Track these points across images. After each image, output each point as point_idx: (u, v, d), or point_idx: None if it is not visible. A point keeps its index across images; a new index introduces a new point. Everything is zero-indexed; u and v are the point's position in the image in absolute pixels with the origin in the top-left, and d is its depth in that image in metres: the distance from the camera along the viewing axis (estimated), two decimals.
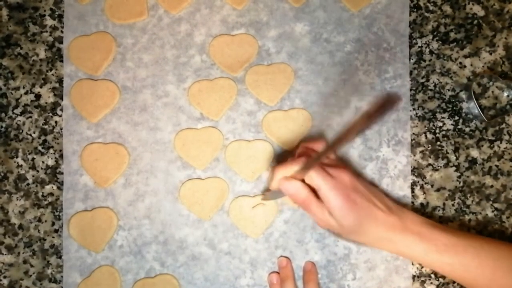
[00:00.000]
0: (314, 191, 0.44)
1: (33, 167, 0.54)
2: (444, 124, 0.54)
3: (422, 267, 0.53)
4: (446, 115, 0.54)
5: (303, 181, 0.44)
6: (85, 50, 0.54)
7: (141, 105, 0.54)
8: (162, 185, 0.53)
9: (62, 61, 0.54)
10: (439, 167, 0.54)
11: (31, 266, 0.53)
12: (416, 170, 0.54)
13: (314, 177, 0.43)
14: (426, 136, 0.54)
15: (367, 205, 0.44)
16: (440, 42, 0.55)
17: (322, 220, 0.45)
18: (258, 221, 0.52)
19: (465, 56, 0.55)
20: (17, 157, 0.54)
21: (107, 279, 0.52)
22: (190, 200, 0.53)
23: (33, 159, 0.54)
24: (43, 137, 0.54)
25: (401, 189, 0.53)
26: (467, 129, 0.54)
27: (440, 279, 0.53)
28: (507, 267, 0.44)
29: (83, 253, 0.53)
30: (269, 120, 0.53)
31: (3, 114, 0.54)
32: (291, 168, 0.44)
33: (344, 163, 0.51)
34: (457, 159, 0.54)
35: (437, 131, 0.54)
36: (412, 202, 0.53)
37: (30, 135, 0.54)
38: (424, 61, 0.55)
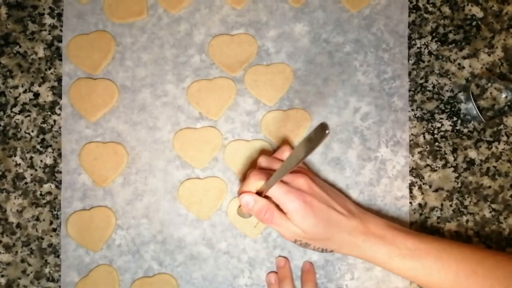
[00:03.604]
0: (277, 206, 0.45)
1: (31, 166, 0.54)
2: (442, 125, 0.54)
3: None
4: (444, 116, 0.54)
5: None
6: (84, 49, 0.54)
7: (140, 105, 0.54)
8: (160, 184, 0.53)
9: (61, 59, 0.54)
10: (437, 168, 0.54)
11: (29, 265, 0.53)
12: (414, 171, 0.54)
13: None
14: (424, 136, 0.54)
15: (325, 208, 0.44)
16: (439, 43, 0.55)
17: (287, 229, 0.44)
18: (257, 221, 0.52)
19: (464, 57, 0.55)
20: (15, 156, 0.54)
21: (105, 278, 0.52)
22: (189, 200, 0.53)
23: (31, 158, 0.54)
24: (41, 136, 0.54)
25: (399, 189, 0.53)
26: (465, 130, 0.54)
27: None
28: (469, 269, 0.44)
29: (81, 252, 0.53)
30: (268, 120, 0.54)
31: (1, 113, 0.54)
32: (252, 185, 0.45)
33: (305, 168, 0.51)
34: (455, 160, 0.54)
35: (436, 132, 0.54)
36: (410, 203, 0.54)
37: (29, 133, 0.54)
38: (423, 62, 0.55)
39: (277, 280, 0.52)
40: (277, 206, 0.45)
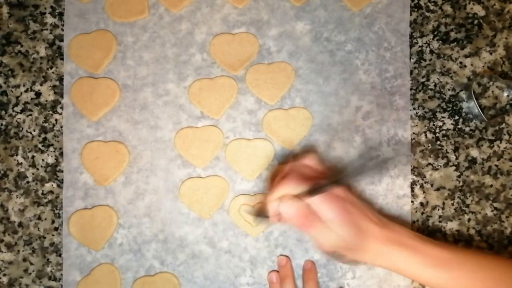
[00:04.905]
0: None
1: (33, 165, 0.54)
2: (444, 123, 0.54)
3: None
4: (446, 114, 0.54)
5: None
6: (85, 48, 0.54)
7: (141, 104, 0.54)
8: (162, 183, 0.53)
9: (62, 59, 0.54)
10: (439, 167, 0.54)
11: (31, 264, 0.53)
12: (416, 170, 0.54)
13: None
14: (426, 135, 0.54)
15: (362, 216, 0.44)
16: (440, 41, 0.55)
17: (327, 238, 0.43)
18: (258, 220, 0.52)
19: (466, 56, 0.55)
20: (17, 155, 0.54)
21: (107, 277, 0.52)
22: (190, 199, 0.53)
23: (33, 157, 0.54)
24: (43, 135, 0.54)
25: (401, 188, 0.53)
26: (467, 129, 0.54)
27: None
28: (501, 282, 0.44)
29: (83, 251, 0.53)
30: (269, 119, 0.54)
31: (3, 112, 0.54)
32: (284, 192, 0.43)
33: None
34: (457, 158, 0.54)
35: (437, 130, 0.54)
36: (412, 202, 0.54)
37: (30, 133, 0.54)
38: (425, 60, 0.55)
39: (279, 279, 0.52)
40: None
